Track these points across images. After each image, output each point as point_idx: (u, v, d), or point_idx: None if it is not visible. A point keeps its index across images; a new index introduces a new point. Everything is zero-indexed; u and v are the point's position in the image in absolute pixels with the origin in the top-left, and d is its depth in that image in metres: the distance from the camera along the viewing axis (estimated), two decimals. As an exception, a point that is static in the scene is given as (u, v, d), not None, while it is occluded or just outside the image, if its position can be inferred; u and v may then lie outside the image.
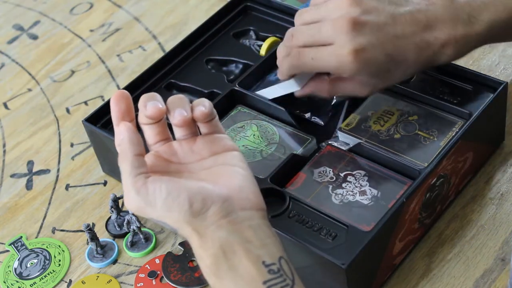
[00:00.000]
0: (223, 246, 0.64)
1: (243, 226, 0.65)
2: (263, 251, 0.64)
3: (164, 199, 0.65)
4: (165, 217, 0.66)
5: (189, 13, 1.18)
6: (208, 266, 0.65)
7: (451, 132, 0.84)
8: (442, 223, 0.84)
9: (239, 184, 0.68)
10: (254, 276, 0.63)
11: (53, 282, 0.87)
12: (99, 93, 1.08)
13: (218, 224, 0.65)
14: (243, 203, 0.66)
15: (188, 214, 0.65)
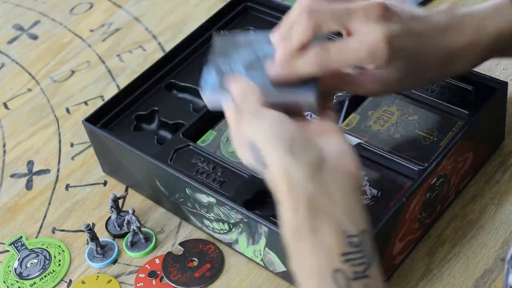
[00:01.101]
0: (310, 202, 0.62)
1: (334, 187, 0.64)
2: (347, 218, 0.63)
3: (273, 124, 0.65)
4: (265, 143, 0.65)
5: (189, 13, 1.18)
6: (291, 221, 0.63)
7: (451, 132, 0.84)
8: (442, 223, 0.84)
9: (338, 150, 0.67)
10: (333, 245, 0.61)
11: (53, 282, 0.87)
12: (99, 93, 1.08)
13: (311, 176, 0.63)
14: (339, 167, 0.65)
15: (287, 149, 0.64)
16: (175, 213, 0.90)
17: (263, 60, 0.73)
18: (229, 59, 0.74)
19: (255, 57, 0.74)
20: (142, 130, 0.94)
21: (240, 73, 0.72)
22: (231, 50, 0.75)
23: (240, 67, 0.73)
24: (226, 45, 0.75)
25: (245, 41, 0.75)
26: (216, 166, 0.85)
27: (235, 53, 0.74)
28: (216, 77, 0.73)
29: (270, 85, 0.71)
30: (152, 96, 0.96)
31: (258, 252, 0.82)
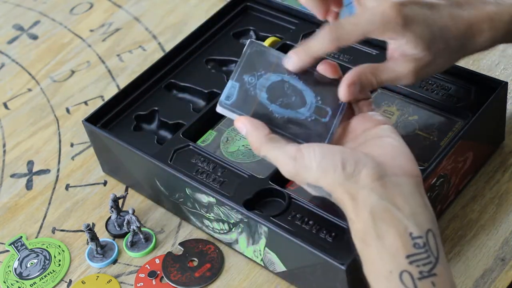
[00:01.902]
0: (373, 211, 0.65)
1: (395, 192, 0.66)
2: (411, 221, 0.64)
3: (319, 161, 0.67)
4: (320, 179, 0.67)
5: (189, 13, 1.18)
6: (357, 230, 0.66)
7: (451, 132, 0.84)
8: (442, 223, 0.84)
9: (391, 152, 0.68)
10: (399, 248, 0.63)
11: (53, 282, 0.87)
12: (99, 93, 1.08)
13: (371, 187, 0.65)
14: (395, 170, 0.67)
15: (341, 176, 0.66)
16: (175, 213, 0.90)
17: (289, 92, 0.74)
18: (256, 80, 0.74)
19: (282, 87, 0.74)
20: (142, 130, 0.94)
21: (263, 104, 0.73)
22: (261, 68, 0.74)
23: (264, 96, 0.74)
24: (257, 58, 0.75)
25: (278, 63, 0.74)
26: (216, 166, 0.85)
27: (263, 74, 0.74)
28: (238, 96, 0.73)
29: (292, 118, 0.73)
30: (152, 96, 0.96)
31: (258, 252, 0.82)
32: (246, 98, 0.73)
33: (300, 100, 0.74)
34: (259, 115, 0.73)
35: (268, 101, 0.73)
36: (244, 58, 0.74)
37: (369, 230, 0.65)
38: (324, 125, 0.73)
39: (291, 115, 0.73)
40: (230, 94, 0.73)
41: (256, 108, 0.73)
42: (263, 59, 0.74)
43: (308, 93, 0.74)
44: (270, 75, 0.74)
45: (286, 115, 0.73)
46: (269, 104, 0.73)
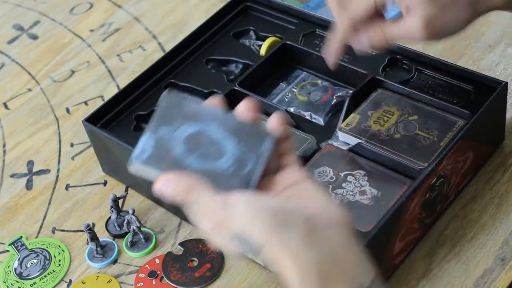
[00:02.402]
0: (318, 266, 0.60)
1: (333, 244, 0.62)
2: (357, 271, 0.61)
3: (246, 209, 0.62)
4: (248, 230, 0.61)
5: (189, 13, 1.18)
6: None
7: (451, 132, 0.84)
8: (442, 223, 0.84)
9: (320, 204, 0.64)
10: None
11: (53, 282, 0.87)
12: (99, 93, 1.08)
13: (308, 241, 0.61)
14: (328, 221, 0.63)
15: (272, 226, 0.60)
16: (175, 213, 0.90)
17: (207, 143, 0.69)
18: (172, 132, 0.69)
19: (200, 138, 0.69)
20: (142, 130, 0.94)
21: (180, 157, 0.68)
22: (177, 120, 0.69)
23: (182, 148, 0.68)
24: (173, 110, 0.70)
25: (195, 113, 0.70)
26: (216, 166, 0.85)
27: (180, 126, 0.69)
28: (152, 151, 0.68)
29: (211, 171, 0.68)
30: (152, 96, 0.96)
31: (258, 252, 0.82)
32: (161, 153, 0.68)
33: (218, 151, 0.68)
34: (174, 170, 0.67)
35: (185, 154, 0.68)
36: (159, 111, 0.70)
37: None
38: (245, 176, 0.68)
39: (209, 168, 0.68)
40: (144, 149, 0.68)
41: (171, 162, 0.68)
42: (180, 109, 0.70)
43: (228, 143, 0.69)
44: (187, 126, 0.69)
45: (204, 167, 0.68)
46: (186, 158, 0.68)
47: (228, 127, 0.69)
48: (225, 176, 0.68)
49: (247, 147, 0.69)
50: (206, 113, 0.70)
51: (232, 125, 0.69)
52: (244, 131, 0.69)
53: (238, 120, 0.70)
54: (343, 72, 0.93)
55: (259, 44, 1.00)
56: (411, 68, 0.91)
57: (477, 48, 1.02)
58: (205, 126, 0.69)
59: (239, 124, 0.69)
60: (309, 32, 0.99)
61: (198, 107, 0.70)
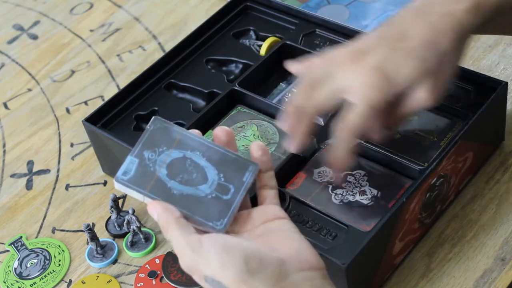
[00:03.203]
0: None
1: (306, 287, 0.63)
2: None
3: (219, 254, 0.62)
4: (220, 275, 0.62)
5: (189, 13, 1.18)
6: None
7: (451, 132, 0.84)
8: (442, 223, 0.84)
9: (295, 246, 0.65)
10: None
11: (53, 282, 0.87)
12: (99, 93, 1.08)
13: (279, 286, 0.62)
14: (301, 265, 0.64)
15: (244, 272, 0.61)
16: (175, 213, 0.90)
17: (190, 169, 0.71)
18: (156, 156, 0.71)
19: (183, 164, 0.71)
20: (142, 130, 0.94)
21: (162, 180, 0.70)
22: (163, 145, 0.72)
23: (165, 172, 0.71)
24: (159, 135, 0.72)
25: (180, 140, 0.72)
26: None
27: (165, 150, 0.71)
28: (136, 172, 0.70)
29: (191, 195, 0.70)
30: (152, 96, 0.96)
31: (258, 252, 0.82)
32: (144, 174, 0.70)
33: (201, 177, 0.71)
34: (156, 191, 0.69)
35: (167, 177, 0.70)
36: (146, 134, 0.72)
37: None
38: (225, 203, 0.69)
39: (190, 192, 0.70)
40: (128, 169, 0.70)
41: (153, 184, 0.70)
42: (166, 135, 0.72)
43: (210, 170, 0.71)
44: (171, 151, 0.71)
45: (185, 191, 0.70)
46: (168, 181, 0.70)
47: (211, 155, 0.72)
48: (205, 202, 0.70)
49: (229, 175, 0.71)
50: (191, 141, 0.72)
51: (216, 154, 0.72)
52: (228, 160, 0.72)
53: (222, 149, 0.72)
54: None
55: (259, 44, 1.00)
56: (411, 68, 0.91)
57: (477, 48, 1.02)
58: (189, 153, 0.72)
59: (223, 154, 0.72)
60: (309, 32, 0.99)
61: (183, 134, 0.72)
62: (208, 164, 0.72)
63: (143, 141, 0.72)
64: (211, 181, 0.71)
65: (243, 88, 0.92)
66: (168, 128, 0.73)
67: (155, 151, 0.71)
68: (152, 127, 0.73)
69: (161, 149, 0.72)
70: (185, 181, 0.70)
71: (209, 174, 0.71)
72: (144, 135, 0.72)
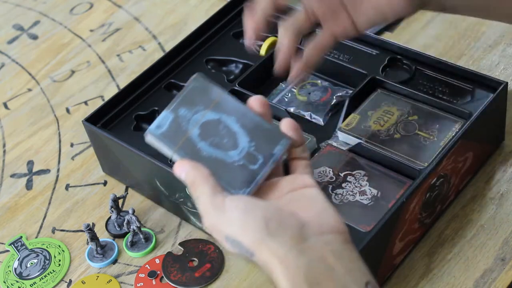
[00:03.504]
0: (307, 276, 0.60)
1: (325, 251, 0.62)
2: (348, 278, 0.61)
3: (240, 215, 0.63)
4: (241, 235, 0.63)
5: (189, 13, 1.18)
6: None
7: (451, 132, 0.84)
8: (442, 223, 0.84)
9: (317, 210, 0.65)
10: None
11: (53, 282, 0.87)
12: (99, 93, 1.08)
13: (299, 249, 0.62)
14: (322, 228, 0.64)
15: (264, 233, 0.62)
16: (175, 213, 0.90)
17: (222, 132, 0.70)
18: (192, 115, 0.70)
19: (217, 127, 0.70)
20: (142, 130, 0.94)
21: (193, 140, 0.69)
22: (200, 104, 0.71)
23: (197, 132, 0.70)
24: (198, 94, 0.71)
25: (218, 102, 0.71)
26: (216, 166, 0.85)
27: (201, 111, 0.71)
28: (168, 128, 0.70)
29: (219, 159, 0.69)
30: (152, 96, 0.96)
31: (258, 252, 0.81)
32: (176, 131, 0.70)
33: (232, 143, 0.70)
34: (185, 150, 0.69)
35: (198, 138, 0.69)
36: (185, 91, 0.71)
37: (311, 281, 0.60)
38: (251, 173, 0.69)
39: (218, 156, 0.69)
40: (161, 124, 0.70)
41: (183, 143, 0.69)
42: (205, 95, 0.71)
43: (242, 137, 0.70)
44: (207, 112, 0.70)
45: (214, 155, 0.69)
46: (198, 141, 0.69)
47: (246, 122, 0.70)
48: (231, 168, 0.69)
49: (260, 145, 0.70)
50: (229, 104, 0.71)
51: (251, 122, 0.70)
52: (261, 130, 0.70)
53: (258, 118, 0.70)
54: (343, 72, 0.93)
55: (259, 44, 1.00)
56: (411, 68, 0.91)
57: (477, 48, 1.02)
58: (224, 117, 0.71)
59: (258, 122, 0.70)
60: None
61: (223, 97, 0.71)
62: (241, 131, 0.70)
63: (181, 97, 0.71)
64: (241, 148, 0.70)
65: (243, 88, 0.92)
66: (208, 88, 0.71)
67: (191, 110, 0.70)
68: (193, 84, 0.71)
69: (198, 108, 0.71)
70: (215, 144, 0.70)
71: (240, 141, 0.70)
72: (184, 91, 0.71)
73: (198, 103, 0.71)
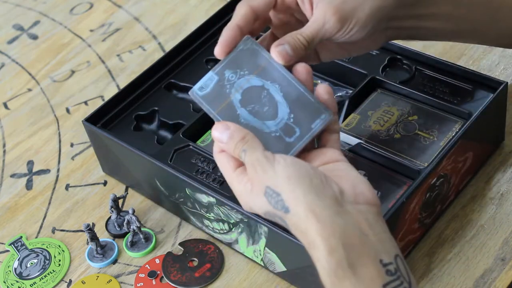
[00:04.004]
0: (343, 237, 0.61)
1: (360, 219, 0.63)
2: (380, 247, 0.62)
3: (288, 167, 0.64)
4: (283, 187, 0.63)
5: (189, 13, 1.18)
6: (328, 261, 0.61)
7: (451, 132, 0.84)
8: (442, 223, 0.84)
9: (351, 182, 0.66)
10: (374, 278, 0.61)
11: (53, 282, 0.87)
12: (99, 93, 1.08)
13: (336, 211, 0.62)
14: (357, 198, 0.65)
15: (307, 188, 0.63)
16: (175, 213, 0.90)
17: (264, 101, 0.70)
18: (236, 78, 0.70)
19: (259, 94, 0.70)
20: (142, 130, 0.94)
21: (233, 105, 0.70)
22: (246, 68, 0.71)
23: (238, 97, 0.70)
24: (246, 57, 0.71)
25: (265, 68, 0.71)
26: (216, 166, 0.85)
27: (246, 74, 0.70)
28: (212, 90, 0.70)
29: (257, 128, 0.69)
30: (152, 96, 0.96)
31: (258, 252, 0.82)
32: (219, 94, 0.70)
33: (272, 112, 0.69)
34: (225, 114, 0.69)
35: (239, 104, 0.70)
36: (233, 54, 0.71)
37: (342, 261, 0.61)
38: (286, 145, 0.68)
39: (256, 125, 0.69)
40: (205, 85, 0.70)
41: (224, 107, 0.69)
42: (252, 59, 0.71)
43: (283, 108, 0.70)
44: (252, 77, 0.70)
45: (252, 123, 0.69)
46: (239, 107, 0.69)
47: (289, 92, 0.70)
48: (267, 139, 0.69)
49: (300, 118, 0.69)
50: (275, 71, 0.71)
51: (294, 92, 0.70)
52: (303, 102, 0.70)
53: (302, 89, 0.70)
54: (343, 72, 0.94)
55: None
56: (411, 68, 0.91)
57: (477, 48, 1.02)
58: (268, 84, 0.70)
59: (301, 94, 0.70)
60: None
61: (270, 63, 0.71)
62: (282, 101, 0.70)
63: (228, 60, 0.71)
64: (279, 119, 0.70)
65: (243, 88, 0.92)
66: (256, 52, 0.71)
67: (236, 73, 0.71)
68: (242, 47, 0.71)
69: (243, 72, 0.71)
70: (255, 112, 0.70)
71: (280, 111, 0.70)
72: (231, 54, 0.71)
73: (244, 67, 0.71)
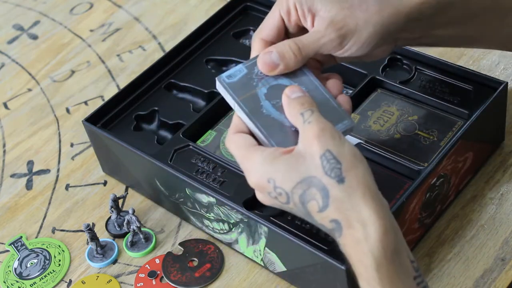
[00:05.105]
0: (393, 221, 0.65)
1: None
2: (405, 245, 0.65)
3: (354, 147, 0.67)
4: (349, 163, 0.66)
5: (189, 13, 1.18)
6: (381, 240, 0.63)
7: (451, 132, 0.84)
8: (442, 223, 0.84)
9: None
10: (409, 269, 0.64)
11: (53, 282, 0.87)
12: (99, 93, 1.08)
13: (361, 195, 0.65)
14: None
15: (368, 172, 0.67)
16: (175, 213, 0.90)
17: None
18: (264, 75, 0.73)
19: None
20: (142, 130, 0.94)
21: (258, 96, 0.72)
22: None
23: (263, 91, 0.73)
24: None
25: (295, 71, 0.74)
26: (216, 166, 0.85)
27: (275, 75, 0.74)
28: (239, 80, 0.73)
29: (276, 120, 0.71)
30: (152, 96, 0.96)
31: (258, 252, 0.82)
32: (245, 85, 0.72)
33: None
34: (248, 103, 0.72)
35: (264, 96, 0.72)
36: None
37: (391, 243, 0.63)
38: None
39: (277, 117, 0.71)
40: (234, 75, 0.73)
41: (248, 97, 0.72)
42: None
43: None
44: (281, 77, 0.73)
45: (273, 115, 0.71)
46: (263, 99, 0.72)
47: (314, 96, 0.72)
48: (285, 131, 0.71)
49: None
50: (303, 75, 0.74)
51: (319, 97, 0.72)
52: (327, 106, 0.72)
53: (327, 95, 0.73)
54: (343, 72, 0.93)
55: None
56: (411, 68, 0.91)
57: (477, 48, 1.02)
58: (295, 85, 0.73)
59: (326, 99, 0.72)
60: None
61: (300, 69, 0.74)
62: None
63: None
64: None
65: (243, 88, 0.92)
66: None
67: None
68: None
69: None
70: (278, 107, 0.72)
71: None
72: None
73: None
